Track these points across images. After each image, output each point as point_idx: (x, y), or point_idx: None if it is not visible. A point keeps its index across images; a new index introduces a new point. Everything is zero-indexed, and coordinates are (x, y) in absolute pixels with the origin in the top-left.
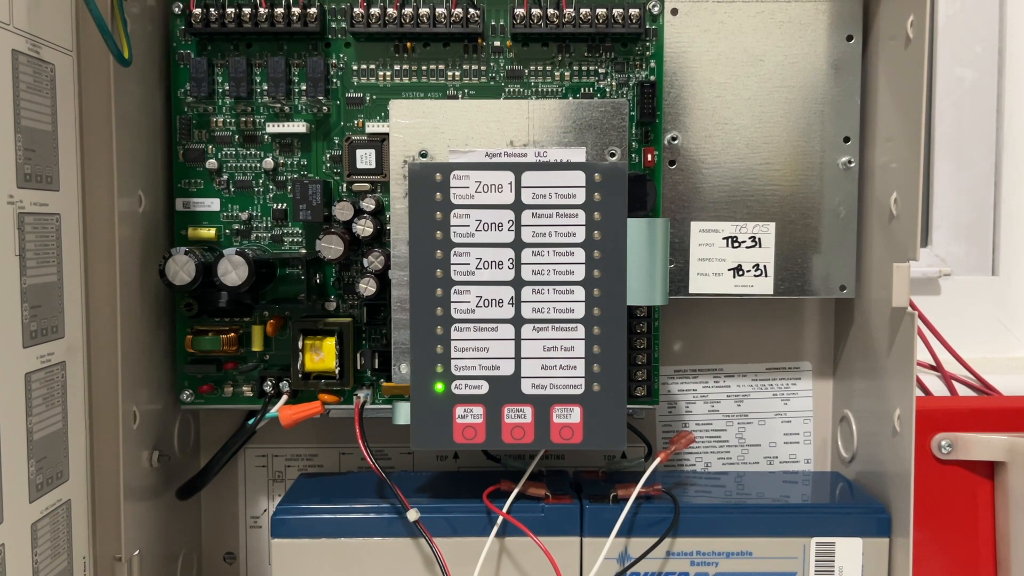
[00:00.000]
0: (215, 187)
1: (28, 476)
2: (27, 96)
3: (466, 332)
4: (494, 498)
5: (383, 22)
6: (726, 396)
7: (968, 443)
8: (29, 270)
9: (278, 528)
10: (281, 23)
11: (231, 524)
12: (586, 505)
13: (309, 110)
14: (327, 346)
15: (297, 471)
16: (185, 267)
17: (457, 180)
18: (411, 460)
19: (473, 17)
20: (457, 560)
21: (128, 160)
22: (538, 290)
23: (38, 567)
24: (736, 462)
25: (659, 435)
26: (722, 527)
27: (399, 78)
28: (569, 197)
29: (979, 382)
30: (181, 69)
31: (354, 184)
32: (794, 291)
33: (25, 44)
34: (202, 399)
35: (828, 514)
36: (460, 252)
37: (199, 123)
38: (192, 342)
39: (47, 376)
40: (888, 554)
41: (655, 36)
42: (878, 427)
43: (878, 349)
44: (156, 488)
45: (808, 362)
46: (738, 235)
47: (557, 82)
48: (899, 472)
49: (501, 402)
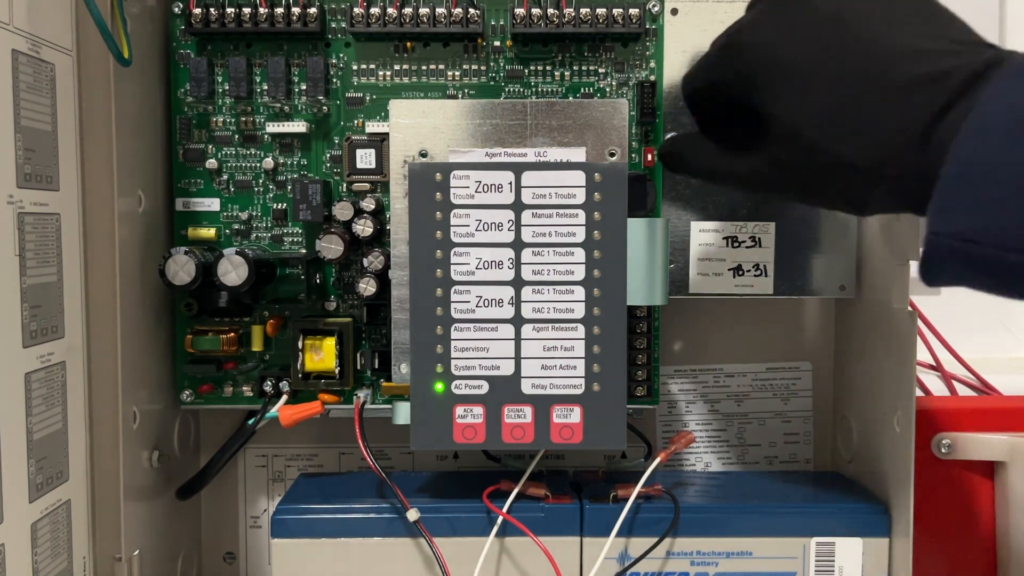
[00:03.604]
0: (215, 187)
1: (28, 476)
2: (27, 96)
3: (466, 332)
4: (494, 498)
5: (383, 22)
6: (726, 396)
7: (968, 443)
8: (29, 270)
9: (278, 528)
10: (281, 23)
11: (231, 524)
12: (586, 505)
13: (309, 110)
14: (327, 346)
15: (297, 471)
16: (185, 267)
17: (457, 180)
18: (411, 460)
19: (473, 17)
20: (457, 560)
21: (128, 160)
22: (538, 290)
23: (38, 567)
24: (736, 462)
25: (659, 435)
26: (722, 527)
27: (399, 78)
28: (569, 197)
29: (979, 382)
30: (181, 69)
31: (354, 184)
32: (794, 291)
33: (25, 44)
34: (202, 399)
35: (828, 514)
36: (460, 252)
37: (199, 123)
38: (192, 342)
39: (47, 376)
40: (888, 554)
41: (655, 36)
42: (878, 427)
43: (878, 349)
44: (156, 488)
45: (808, 362)
46: (738, 235)
47: (557, 82)
48: (899, 472)
49: (501, 402)
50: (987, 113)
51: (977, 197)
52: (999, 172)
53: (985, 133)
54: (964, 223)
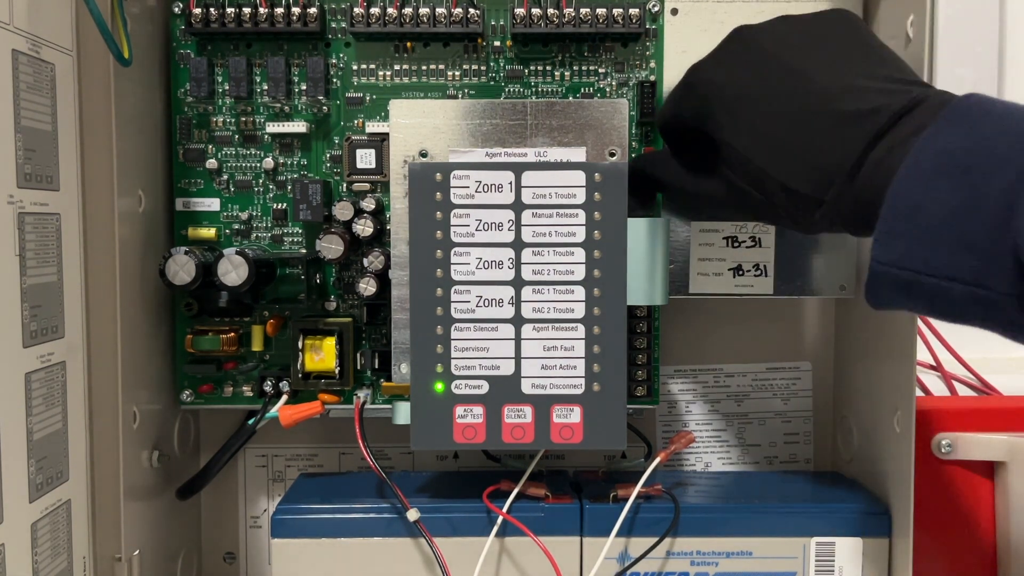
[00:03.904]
0: (215, 187)
1: (28, 476)
2: (27, 96)
3: (466, 332)
4: (494, 498)
5: (383, 22)
6: (726, 396)
7: (968, 443)
8: (29, 270)
9: (278, 528)
10: (281, 23)
11: (231, 524)
12: (586, 505)
13: (309, 110)
14: (327, 346)
15: (297, 471)
16: (185, 267)
17: (457, 180)
18: (411, 460)
19: (473, 17)
20: (457, 560)
21: (128, 160)
22: (538, 290)
23: (38, 567)
24: (736, 462)
25: (659, 435)
26: (722, 527)
27: (399, 78)
28: (569, 197)
29: (979, 382)
30: (181, 69)
31: (354, 184)
32: (794, 291)
33: (25, 44)
34: (202, 399)
35: (828, 514)
36: (460, 252)
37: (199, 123)
38: (192, 342)
39: (47, 376)
40: (888, 554)
41: (655, 36)
42: (878, 427)
43: (878, 349)
44: (156, 488)
45: (808, 362)
46: (738, 235)
47: (557, 82)
48: (899, 472)
49: (501, 402)
50: (919, 154)
51: (909, 230)
52: (929, 208)
53: (916, 173)
54: (900, 251)
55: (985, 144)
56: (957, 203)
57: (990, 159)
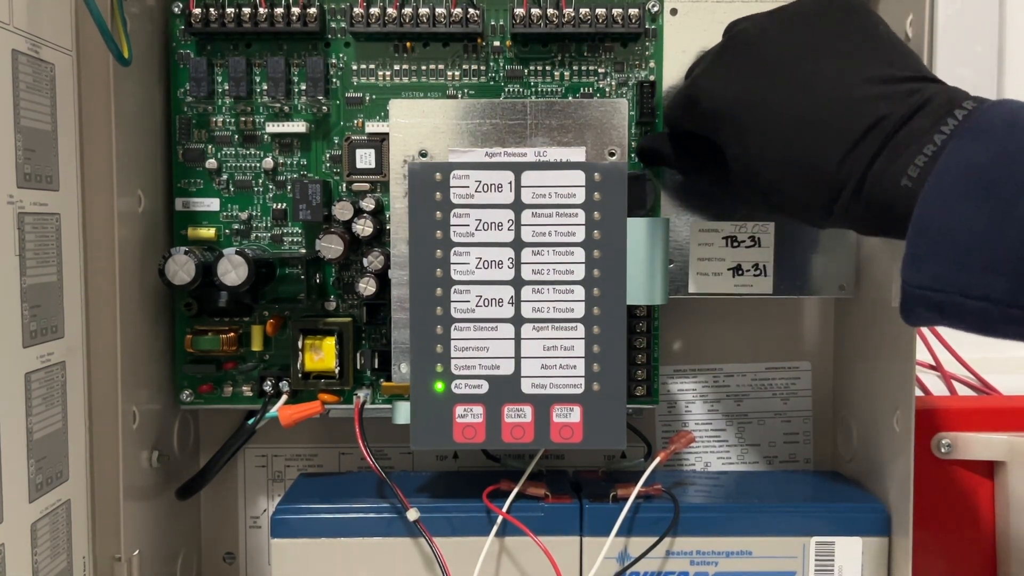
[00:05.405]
0: (215, 187)
1: (28, 476)
2: (27, 96)
3: (466, 331)
4: (494, 498)
5: (383, 22)
6: (726, 396)
7: (968, 443)
8: (29, 270)
9: (278, 528)
10: (281, 23)
11: (231, 524)
12: (586, 505)
13: (309, 110)
14: (327, 346)
15: (297, 471)
16: (185, 267)
17: (457, 180)
18: (411, 460)
19: (473, 17)
20: (457, 560)
21: (128, 160)
22: (538, 290)
23: (38, 567)
24: (736, 462)
25: (659, 435)
26: (722, 527)
27: (399, 78)
28: (569, 197)
29: (979, 382)
30: (181, 69)
31: (354, 184)
32: (794, 291)
33: (25, 44)
34: (202, 399)
35: (828, 514)
36: (460, 252)
37: (199, 123)
38: (192, 342)
39: (47, 376)
40: (888, 553)
41: (655, 36)
42: (878, 427)
43: (878, 349)
44: (156, 488)
45: (807, 362)
46: (737, 235)
47: (557, 82)
48: (899, 472)
49: (501, 402)
50: (943, 172)
51: (937, 253)
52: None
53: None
54: (931, 274)
55: (1010, 159)
56: (985, 223)
57: (1016, 175)
